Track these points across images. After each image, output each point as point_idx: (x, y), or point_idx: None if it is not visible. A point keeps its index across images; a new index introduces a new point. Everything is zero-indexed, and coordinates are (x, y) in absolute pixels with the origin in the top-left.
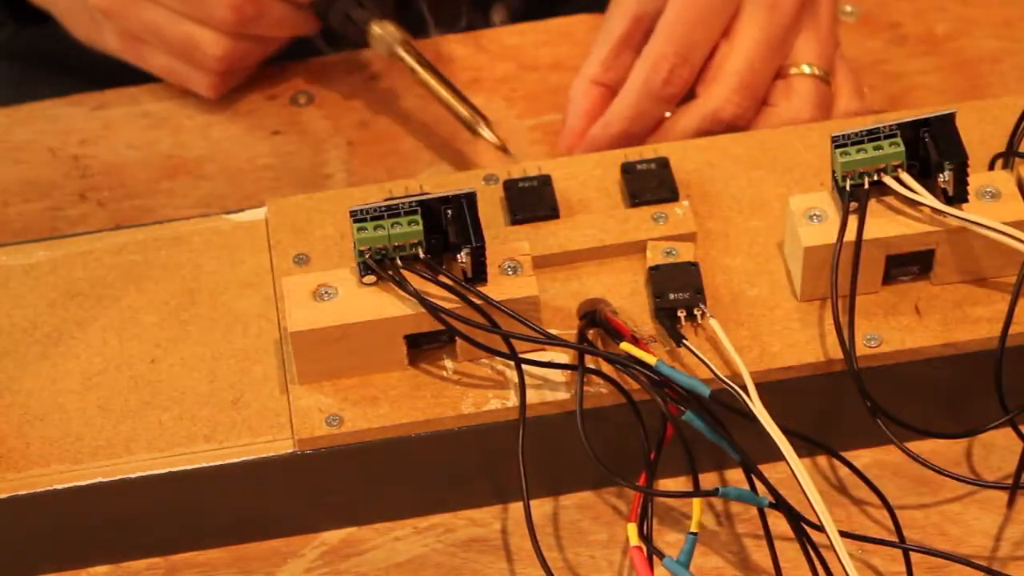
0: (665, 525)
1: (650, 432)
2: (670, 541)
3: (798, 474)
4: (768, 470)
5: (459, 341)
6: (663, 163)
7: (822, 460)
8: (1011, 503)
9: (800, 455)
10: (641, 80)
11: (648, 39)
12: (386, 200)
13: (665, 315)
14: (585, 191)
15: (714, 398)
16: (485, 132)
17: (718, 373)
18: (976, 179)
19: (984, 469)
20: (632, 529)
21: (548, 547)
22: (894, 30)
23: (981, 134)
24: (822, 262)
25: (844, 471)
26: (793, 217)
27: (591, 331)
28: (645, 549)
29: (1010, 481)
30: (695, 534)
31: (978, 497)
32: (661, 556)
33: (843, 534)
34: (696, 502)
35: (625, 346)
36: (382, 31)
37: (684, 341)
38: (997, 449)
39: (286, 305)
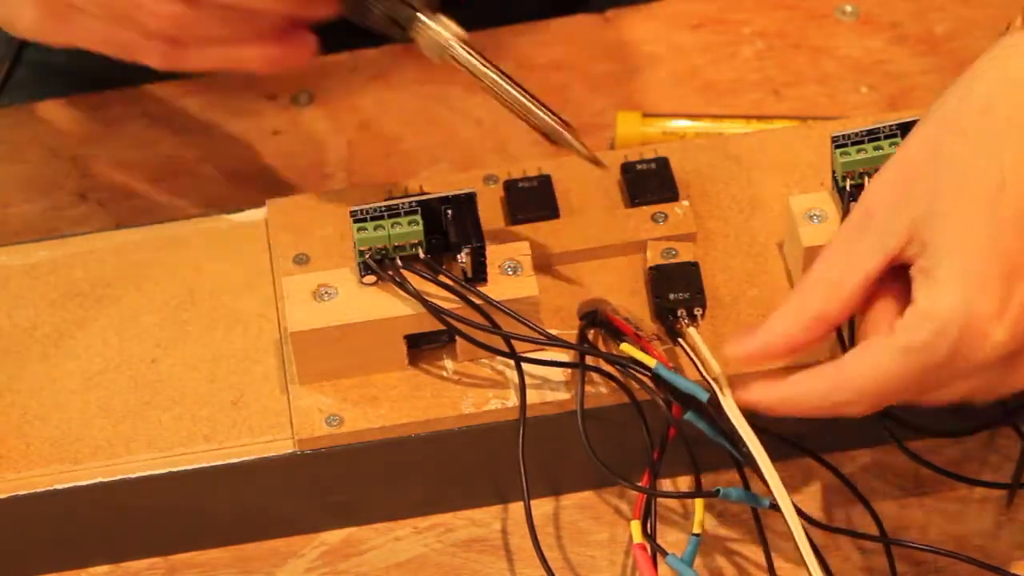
0: (665, 524)
1: (653, 431)
2: (670, 540)
3: (767, 475)
4: None
5: (459, 341)
6: (663, 163)
7: (826, 460)
8: (1010, 503)
9: (801, 455)
10: (814, 404)
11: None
12: (386, 200)
13: (665, 315)
14: (585, 191)
15: (712, 402)
16: (573, 142)
17: (703, 372)
18: None
19: (984, 469)
20: (636, 527)
21: (548, 547)
22: (894, 30)
23: None
24: None
25: (846, 471)
26: (793, 217)
27: (591, 331)
28: (649, 547)
29: (1010, 481)
30: (698, 535)
31: (978, 497)
32: (664, 554)
33: (839, 531)
34: (698, 503)
35: (625, 347)
36: (434, 28)
37: (680, 340)
38: (997, 449)
39: (286, 305)
